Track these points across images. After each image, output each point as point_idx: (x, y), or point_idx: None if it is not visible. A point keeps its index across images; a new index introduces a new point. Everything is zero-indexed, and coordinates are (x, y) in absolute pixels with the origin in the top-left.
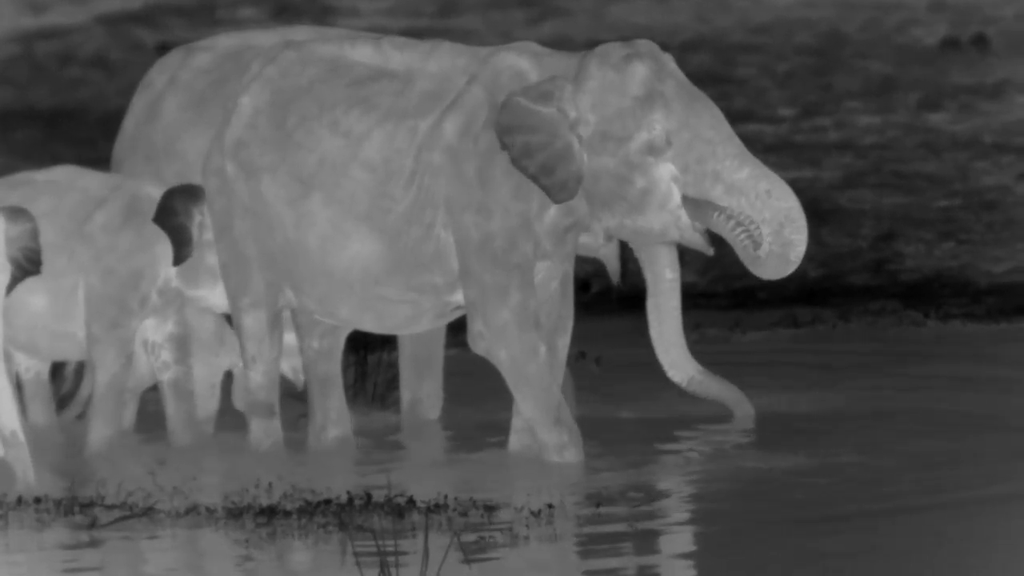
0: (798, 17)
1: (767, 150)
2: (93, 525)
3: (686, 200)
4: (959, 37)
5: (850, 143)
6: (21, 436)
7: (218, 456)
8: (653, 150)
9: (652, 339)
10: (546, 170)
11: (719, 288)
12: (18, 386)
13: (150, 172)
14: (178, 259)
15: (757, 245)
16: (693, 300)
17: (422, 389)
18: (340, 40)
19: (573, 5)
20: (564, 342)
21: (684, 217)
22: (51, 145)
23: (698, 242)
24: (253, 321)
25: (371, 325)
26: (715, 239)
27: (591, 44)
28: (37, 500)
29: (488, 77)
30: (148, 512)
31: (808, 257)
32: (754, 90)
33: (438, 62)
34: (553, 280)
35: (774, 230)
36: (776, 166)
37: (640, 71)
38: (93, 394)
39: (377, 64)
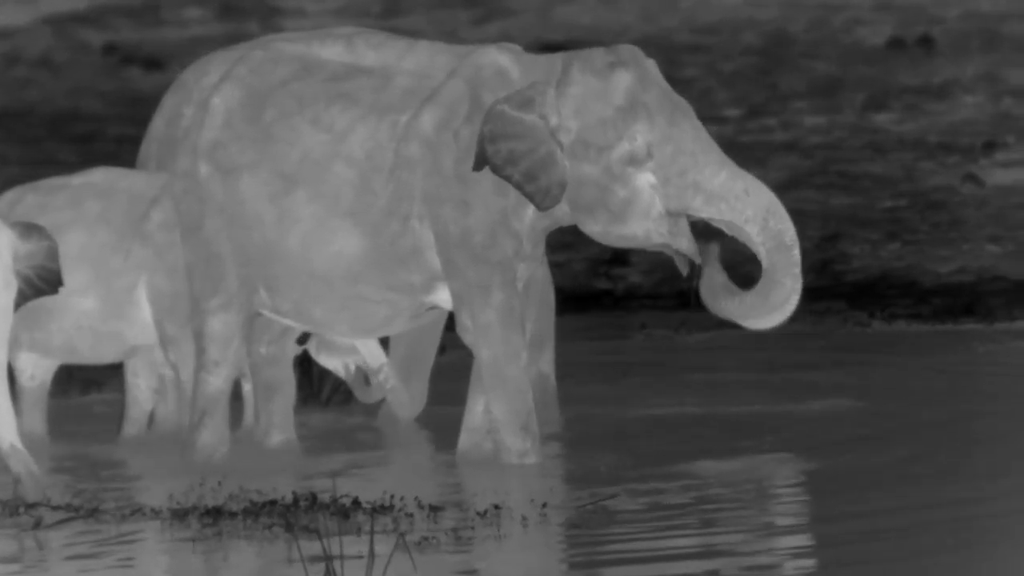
0: (744, 17)
1: None
2: (38, 525)
3: (670, 218)
4: (905, 37)
5: (796, 143)
6: (19, 444)
7: (164, 456)
8: (634, 161)
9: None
10: (530, 177)
11: (664, 289)
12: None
13: None
14: None
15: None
16: (639, 301)
17: (407, 390)
18: (308, 38)
19: (519, 5)
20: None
21: (667, 226)
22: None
23: (686, 248)
24: (221, 324)
25: (346, 327)
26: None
27: (536, 44)
28: None
29: (469, 72)
30: (93, 513)
31: (753, 258)
32: (700, 90)
33: (416, 59)
34: (519, 282)
35: (760, 227)
36: None
37: (624, 80)
38: (186, 392)
39: (350, 61)
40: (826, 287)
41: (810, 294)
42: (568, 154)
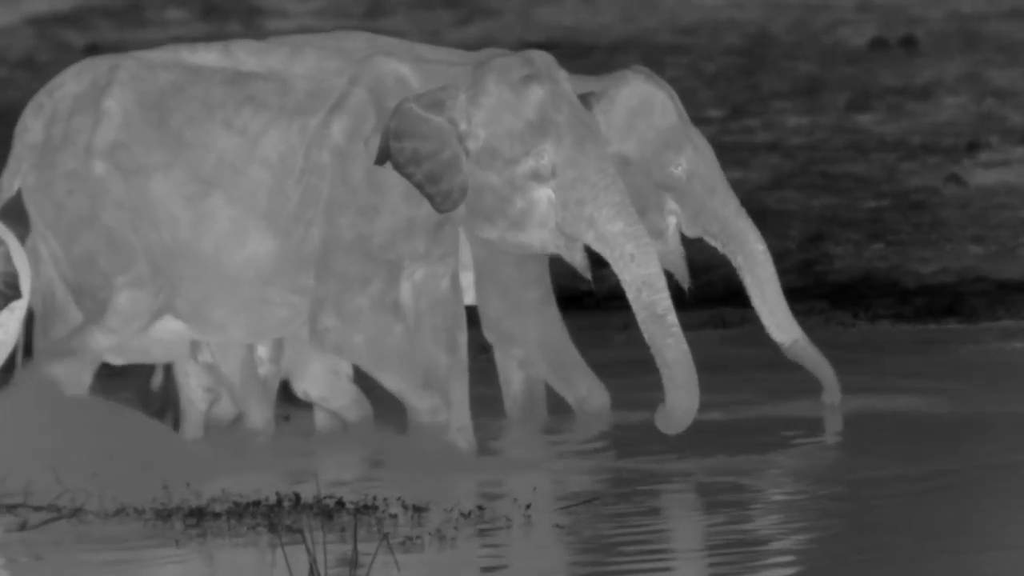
0: (725, 18)
1: None
2: (24, 527)
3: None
4: (887, 38)
5: (778, 144)
6: None
7: (147, 457)
8: (537, 177)
9: (755, 307)
10: (432, 179)
11: None
12: None
13: None
14: None
15: None
16: (622, 301)
17: (581, 388)
18: (175, 47)
19: (501, 6)
20: (463, 339)
21: (563, 239)
22: None
23: (578, 263)
24: (129, 300)
25: (242, 330)
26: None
27: (518, 45)
28: None
29: (370, 81)
30: (77, 513)
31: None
32: (682, 91)
33: (305, 64)
34: (442, 279)
35: (634, 295)
36: None
37: (537, 95)
38: (229, 384)
39: (231, 67)
40: (808, 287)
41: (792, 295)
42: (473, 161)
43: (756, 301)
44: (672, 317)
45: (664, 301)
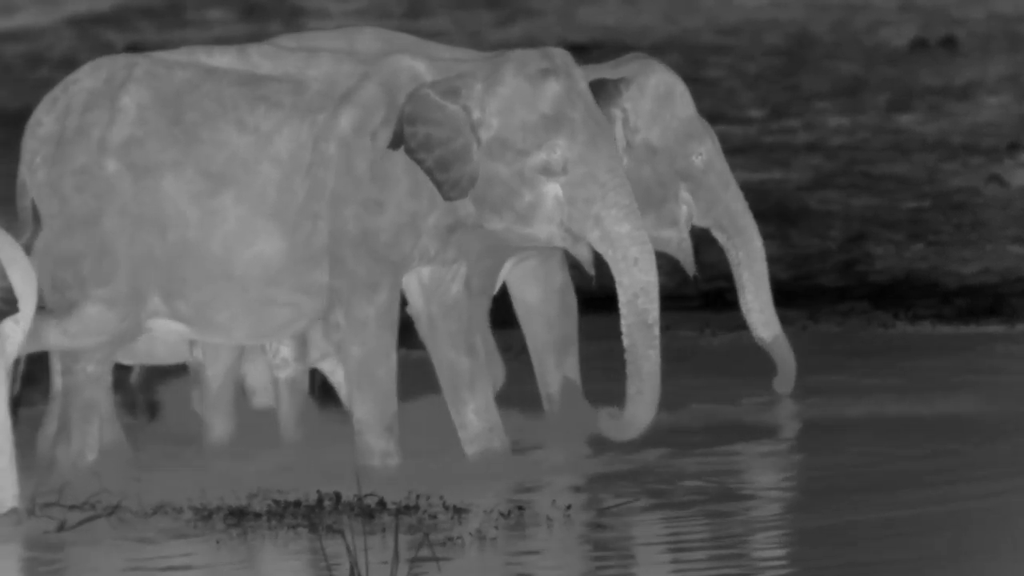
0: (767, 18)
1: (736, 151)
2: (62, 528)
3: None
4: (928, 38)
5: (819, 144)
6: (6, 457)
7: (182, 459)
8: (548, 171)
9: (746, 301)
10: (442, 166)
11: (688, 290)
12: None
13: None
14: None
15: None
16: (663, 303)
17: (565, 368)
18: (191, 48)
19: (543, 6)
20: (479, 341)
21: (567, 232)
22: (18, 146)
23: (583, 257)
24: (98, 314)
25: (244, 331)
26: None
27: (560, 45)
28: None
29: (385, 76)
30: (115, 511)
31: (777, 259)
32: (723, 91)
33: (320, 68)
34: (453, 284)
35: (628, 299)
36: (745, 168)
37: (553, 89)
38: (208, 385)
39: (246, 70)
40: (849, 288)
41: (833, 295)
42: (484, 151)
43: (748, 296)
44: (657, 329)
45: (655, 312)
